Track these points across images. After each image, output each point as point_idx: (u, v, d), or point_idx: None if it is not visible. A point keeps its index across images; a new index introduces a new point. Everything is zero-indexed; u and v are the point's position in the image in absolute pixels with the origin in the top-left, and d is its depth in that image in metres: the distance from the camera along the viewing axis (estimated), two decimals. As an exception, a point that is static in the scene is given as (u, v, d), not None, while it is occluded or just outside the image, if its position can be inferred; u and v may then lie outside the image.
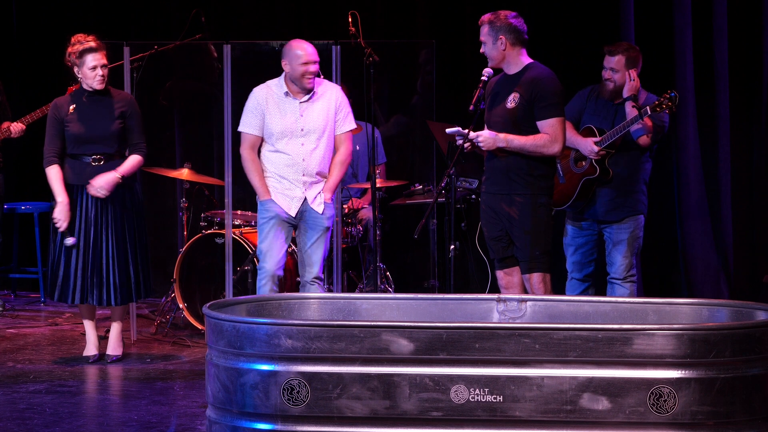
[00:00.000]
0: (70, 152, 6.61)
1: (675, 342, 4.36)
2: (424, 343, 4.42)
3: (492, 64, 5.98)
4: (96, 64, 6.51)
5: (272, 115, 6.38)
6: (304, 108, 6.39)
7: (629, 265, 6.61)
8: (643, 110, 6.35)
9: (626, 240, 6.58)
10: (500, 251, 6.03)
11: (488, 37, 5.94)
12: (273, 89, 6.44)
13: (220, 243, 7.39)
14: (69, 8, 9.10)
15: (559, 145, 5.89)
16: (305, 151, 6.39)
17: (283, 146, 6.39)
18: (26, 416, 5.51)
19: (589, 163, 6.50)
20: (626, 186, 6.55)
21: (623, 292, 6.59)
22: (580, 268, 6.79)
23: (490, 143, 5.87)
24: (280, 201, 6.40)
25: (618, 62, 6.55)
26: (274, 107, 6.39)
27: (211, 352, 4.68)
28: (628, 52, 6.57)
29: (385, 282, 7.60)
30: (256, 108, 6.42)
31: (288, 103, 6.39)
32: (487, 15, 5.97)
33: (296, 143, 6.38)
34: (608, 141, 6.44)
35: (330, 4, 8.64)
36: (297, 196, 6.39)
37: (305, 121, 6.38)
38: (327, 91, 6.47)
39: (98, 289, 6.58)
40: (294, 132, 6.37)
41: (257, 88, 6.50)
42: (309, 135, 6.39)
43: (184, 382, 6.25)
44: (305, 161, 6.39)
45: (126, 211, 6.63)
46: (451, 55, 8.39)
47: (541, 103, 5.87)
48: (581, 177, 6.52)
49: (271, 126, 6.38)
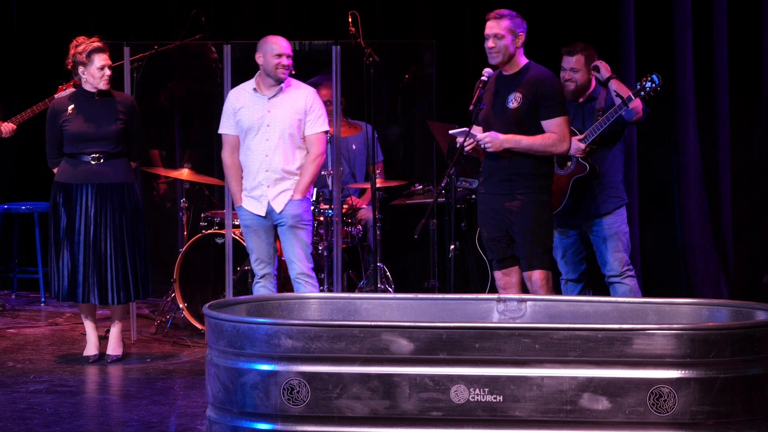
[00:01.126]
0: (68, 152, 6.63)
1: (675, 342, 4.36)
2: (424, 343, 4.43)
3: (498, 60, 5.91)
4: (104, 63, 6.59)
5: (242, 112, 6.56)
6: (272, 104, 6.54)
7: (622, 259, 6.61)
8: (627, 97, 6.38)
9: (614, 234, 6.60)
10: (499, 252, 6.01)
11: (508, 33, 5.87)
12: (245, 88, 6.64)
13: (220, 243, 7.40)
14: (69, 8, 9.10)
15: (567, 143, 5.89)
16: (269, 146, 6.51)
17: (250, 142, 6.55)
18: (26, 416, 5.51)
19: (575, 162, 6.51)
20: (607, 179, 6.60)
21: (624, 289, 6.59)
22: (574, 268, 6.80)
23: (497, 144, 5.85)
24: (248, 205, 6.58)
25: (578, 62, 6.62)
26: (245, 104, 6.57)
27: (211, 352, 4.68)
28: (586, 50, 6.65)
29: (385, 282, 7.60)
30: (228, 108, 6.64)
31: (257, 99, 6.56)
32: (504, 9, 5.92)
33: (261, 138, 6.53)
34: (593, 136, 6.46)
35: (330, 4, 8.63)
36: (262, 195, 6.53)
37: (271, 117, 6.51)
38: (298, 91, 6.61)
39: (99, 288, 6.58)
40: (260, 127, 6.52)
41: (231, 90, 6.73)
42: (274, 130, 6.51)
43: (184, 382, 6.25)
44: (268, 157, 6.51)
45: (125, 210, 6.63)
46: (451, 55, 8.39)
47: (546, 103, 5.86)
48: (570, 177, 6.53)
49: (242, 122, 6.56)
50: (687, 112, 8.01)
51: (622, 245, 6.62)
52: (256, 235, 6.57)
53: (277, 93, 6.55)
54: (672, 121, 8.05)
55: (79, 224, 6.58)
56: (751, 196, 8.15)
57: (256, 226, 6.56)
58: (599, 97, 6.63)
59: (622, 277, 6.62)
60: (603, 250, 6.64)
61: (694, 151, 8.06)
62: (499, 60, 5.92)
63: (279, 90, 6.54)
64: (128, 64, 7.32)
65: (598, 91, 6.65)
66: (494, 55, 5.91)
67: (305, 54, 8.01)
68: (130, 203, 6.66)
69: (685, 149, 8.06)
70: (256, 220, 6.55)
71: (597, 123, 6.45)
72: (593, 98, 6.65)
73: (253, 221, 6.56)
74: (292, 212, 6.53)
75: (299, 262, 6.53)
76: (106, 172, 6.61)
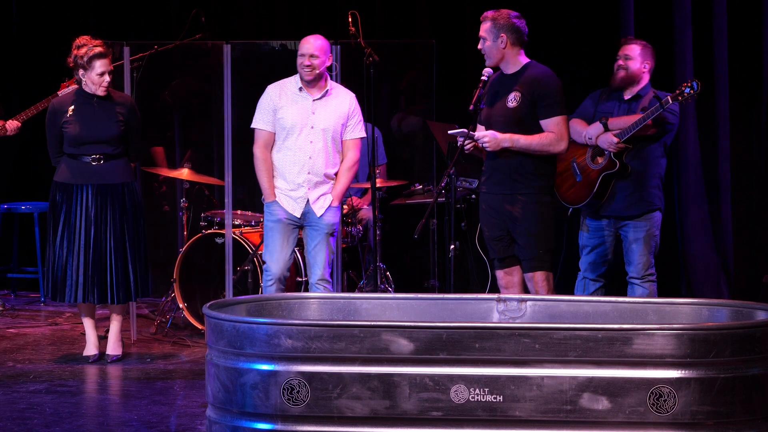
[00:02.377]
0: (69, 152, 6.62)
1: (675, 342, 4.36)
2: (424, 343, 4.42)
3: (489, 62, 5.95)
4: (104, 70, 6.54)
5: (285, 110, 6.44)
6: (317, 105, 6.45)
7: (647, 263, 6.56)
8: (664, 100, 6.31)
9: (643, 238, 6.55)
10: (501, 251, 6.02)
11: (489, 34, 5.91)
12: (287, 86, 6.51)
13: (220, 243, 7.39)
14: (69, 8, 9.10)
15: (565, 143, 5.88)
16: (313, 148, 6.42)
17: (291, 143, 6.43)
18: (26, 416, 5.51)
19: (607, 158, 6.47)
20: (643, 181, 6.52)
21: (642, 292, 6.55)
22: (594, 268, 6.74)
23: (495, 143, 5.86)
24: (283, 203, 6.45)
25: (633, 50, 6.54)
26: (287, 102, 6.45)
27: (211, 352, 4.68)
28: (646, 45, 6.58)
29: (385, 282, 7.60)
30: (268, 104, 6.49)
31: (301, 98, 6.45)
32: (490, 12, 5.94)
33: (305, 140, 6.42)
34: (628, 134, 6.39)
35: (330, 4, 8.63)
36: (301, 197, 6.43)
37: (316, 119, 6.43)
38: (341, 95, 6.54)
39: (99, 288, 6.58)
40: (304, 128, 6.42)
41: (271, 86, 6.57)
42: (318, 132, 6.42)
43: (184, 382, 6.25)
44: (312, 159, 6.42)
45: (125, 210, 6.63)
46: (451, 55, 8.39)
47: (544, 102, 5.86)
48: (600, 173, 6.49)
49: (283, 120, 6.43)
50: (687, 112, 8.00)
51: (649, 249, 6.57)
52: (283, 235, 6.44)
53: (323, 95, 6.46)
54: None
55: (78, 224, 6.57)
56: (751, 196, 8.14)
57: (285, 225, 6.44)
58: (645, 96, 6.54)
59: (643, 281, 6.57)
60: (630, 250, 6.58)
61: (694, 151, 8.06)
62: (489, 62, 5.96)
63: (325, 92, 6.46)
64: (128, 64, 7.32)
65: (647, 89, 6.56)
66: (485, 57, 5.96)
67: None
68: (130, 203, 6.66)
69: (685, 149, 8.06)
70: (288, 218, 6.44)
71: (634, 122, 6.40)
72: (639, 96, 6.56)
73: (283, 219, 6.44)
74: (331, 220, 6.46)
75: (323, 267, 6.45)
76: (106, 172, 6.61)
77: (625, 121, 6.42)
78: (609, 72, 6.75)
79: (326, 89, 6.46)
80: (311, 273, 6.51)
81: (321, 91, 6.45)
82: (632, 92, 6.59)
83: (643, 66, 6.56)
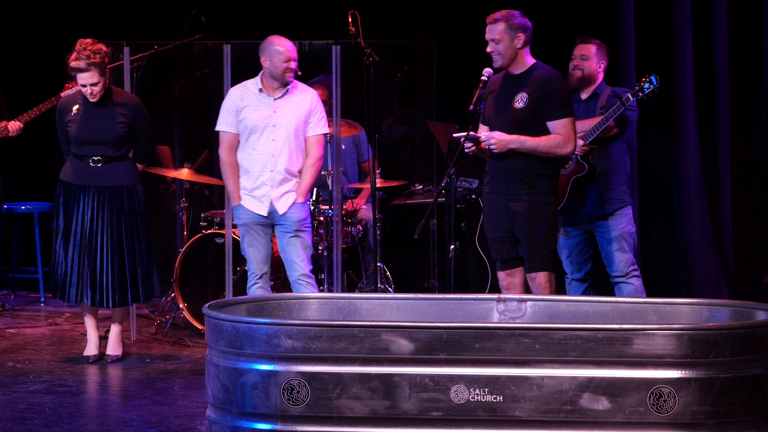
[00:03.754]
0: (73, 151, 6.63)
1: (675, 342, 4.36)
2: (424, 343, 4.43)
3: (501, 63, 5.91)
4: (85, 83, 6.49)
5: (247, 111, 6.53)
6: (278, 104, 6.53)
7: (628, 260, 6.60)
8: (624, 98, 6.36)
9: (620, 236, 6.59)
10: (504, 252, 5.99)
11: (505, 35, 5.86)
12: (249, 87, 6.60)
13: (220, 243, 7.40)
14: (69, 8, 9.10)
15: (572, 145, 5.86)
16: (275, 146, 6.50)
17: (254, 142, 6.53)
18: (26, 416, 5.51)
19: (575, 161, 6.49)
20: (609, 180, 6.57)
21: (630, 289, 6.58)
22: (579, 267, 6.79)
23: (502, 145, 5.84)
24: (248, 204, 6.55)
25: (589, 50, 6.58)
26: (249, 104, 6.54)
27: (211, 352, 4.68)
28: (600, 44, 6.63)
29: (385, 282, 7.60)
30: (231, 106, 6.60)
31: (262, 99, 6.54)
32: (497, 13, 5.90)
33: (267, 138, 6.51)
34: (592, 136, 6.43)
35: (330, 4, 8.63)
36: (264, 195, 6.52)
37: (278, 117, 6.51)
38: (302, 93, 6.61)
39: (92, 290, 6.57)
40: (266, 127, 6.50)
41: (233, 88, 6.69)
42: (280, 131, 6.50)
43: (184, 382, 6.25)
44: (274, 157, 6.50)
45: (125, 213, 6.61)
46: (451, 55, 8.38)
47: (551, 104, 5.83)
48: (570, 177, 6.51)
49: (246, 121, 6.53)
50: (687, 112, 8.00)
51: (628, 246, 6.61)
52: (255, 235, 6.55)
53: (283, 94, 6.54)
54: (672, 121, 8.04)
55: (75, 225, 6.57)
56: (751, 196, 8.14)
57: (255, 226, 6.55)
58: (602, 94, 6.60)
59: (627, 277, 6.60)
60: (608, 251, 6.63)
61: (694, 151, 8.06)
62: (500, 63, 5.92)
63: (285, 91, 6.54)
64: (128, 64, 7.32)
65: (603, 87, 6.62)
66: (496, 59, 5.92)
67: (305, 54, 8.00)
68: (129, 206, 6.63)
69: (685, 149, 8.06)
70: (256, 219, 6.54)
71: (596, 124, 6.43)
72: (596, 94, 6.62)
73: (252, 220, 6.54)
74: (297, 216, 6.53)
75: (302, 263, 6.52)
76: (107, 175, 6.60)
77: (588, 123, 6.45)
78: (610, 72, 6.76)
79: (286, 89, 6.53)
80: (289, 271, 6.58)
81: (282, 90, 6.53)
82: (588, 92, 6.65)
83: (599, 65, 6.63)
